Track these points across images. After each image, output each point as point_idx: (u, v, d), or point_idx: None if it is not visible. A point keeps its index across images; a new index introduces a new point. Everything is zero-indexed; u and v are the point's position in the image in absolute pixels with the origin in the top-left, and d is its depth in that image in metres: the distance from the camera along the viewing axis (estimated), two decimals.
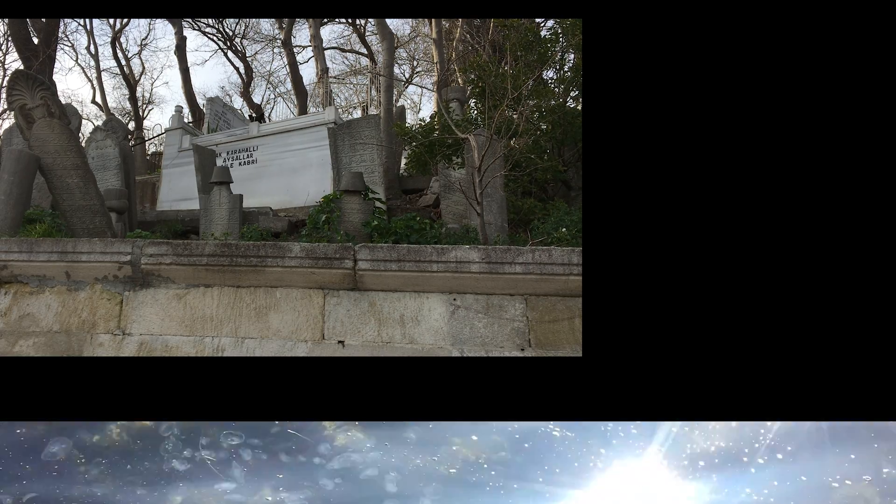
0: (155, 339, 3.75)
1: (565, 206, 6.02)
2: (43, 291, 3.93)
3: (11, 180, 4.56)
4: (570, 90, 7.66)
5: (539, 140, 7.34)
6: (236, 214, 6.59)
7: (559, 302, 3.68)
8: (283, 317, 3.74)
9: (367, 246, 3.74)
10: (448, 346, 3.60)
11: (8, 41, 15.29)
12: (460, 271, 3.60)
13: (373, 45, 19.77)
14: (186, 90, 19.32)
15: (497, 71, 7.16)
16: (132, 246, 3.83)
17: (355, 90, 21.44)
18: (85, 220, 4.81)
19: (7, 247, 3.88)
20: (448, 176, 6.61)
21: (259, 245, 3.74)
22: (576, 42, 7.37)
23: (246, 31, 22.11)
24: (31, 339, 3.80)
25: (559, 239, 4.47)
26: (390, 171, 8.90)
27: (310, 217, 5.47)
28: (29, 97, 4.77)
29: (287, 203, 9.84)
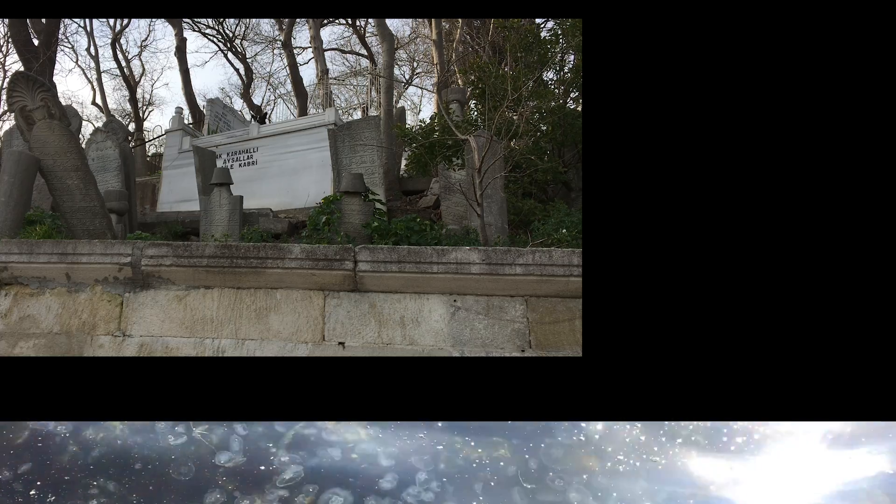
0: (155, 341, 3.75)
1: (565, 207, 6.02)
2: (43, 293, 3.93)
3: (12, 182, 4.56)
4: (570, 91, 7.66)
5: (539, 141, 7.34)
6: (236, 216, 6.58)
7: (560, 303, 3.68)
8: (284, 318, 3.74)
9: (367, 247, 3.73)
10: (448, 347, 3.60)
11: (8, 42, 15.31)
12: (461, 272, 3.60)
13: (373, 46, 19.79)
14: (186, 92, 19.32)
15: (497, 72, 7.16)
16: (132, 247, 3.83)
17: (355, 91, 21.47)
18: (85, 221, 4.81)
19: (7, 248, 3.88)
20: (448, 177, 6.61)
21: (259, 246, 3.74)
22: (576, 43, 7.37)
23: (246, 33, 22.15)
24: (32, 341, 3.80)
25: (559, 240, 4.46)
26: (390, 173, 8.90)
27: (310, 218, 5.47)
28: (29, 99, 4.77)
29: (287, 204, 9.84)
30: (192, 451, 2.58)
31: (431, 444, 2.65)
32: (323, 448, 2.63)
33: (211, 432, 2.64)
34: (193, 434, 2.63)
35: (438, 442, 2.67)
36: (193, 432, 2.64)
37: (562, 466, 2.58)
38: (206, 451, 2.58)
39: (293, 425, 2.68)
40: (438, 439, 2.68)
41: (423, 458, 2.60)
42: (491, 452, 2.63)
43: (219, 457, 2.56)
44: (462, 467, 2.58)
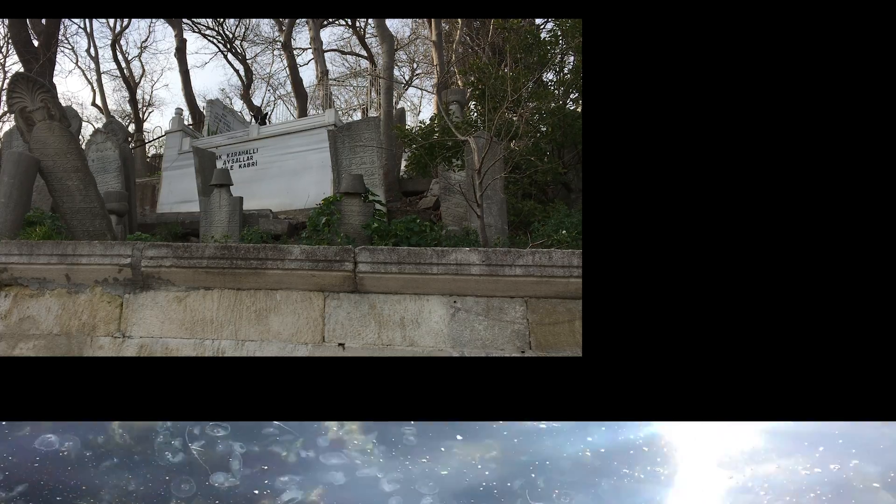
0: (155, 342, 3.75)
1: (565, 208, 6.01)
2: (43, 294, 3.93)
3: (11, 183, 4.56)
4: (569, 92, 7.66)
5: (539, 142, 7.33)
6: (236, 217, 6.58)
7: (559, 304, 3.68)
8: (284, 319, 3.74)
9: (367, 248, 3.74)
10: (448, 348, 3.60)
11: (8, 43, 15.32)
12: (460, 273, 3.60)
13: (372, 47, 19.79)
14: (186, 92, 19.32)
15: (497, 73, 7.16)
16: (132, 248, 3.83)
17: (355, 92, 21.44)
18: (85, 222, 4.81)
19: (7, 249, 3.88)
20: (448, 178, 6.61)
21: (259, 247, 3.74)
22: (575, 44, 7.37)
23: (246, 34, 22.15)
24: (32, 342, 3.80)
25: (559, 241, 4.46)
26: (390, 174, 8.90)
27: (310, 219, 5.46)
28: (29, 100, 4.78)
29: (287, 205, 9.83)
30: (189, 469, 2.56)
31: (436, 468, 2.63)
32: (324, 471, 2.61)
33: (208, 450, 2.62)
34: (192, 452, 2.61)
35: (443, 466, 2.65)
36: (191, 452, 2.62)
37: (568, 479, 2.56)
38: (202, 470, 2.55)
39: (292, 446, 2.66)
40: (444, 463, 2.66)
41: (427, 484, 2.59)
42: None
43: (215, 477, 2.54)
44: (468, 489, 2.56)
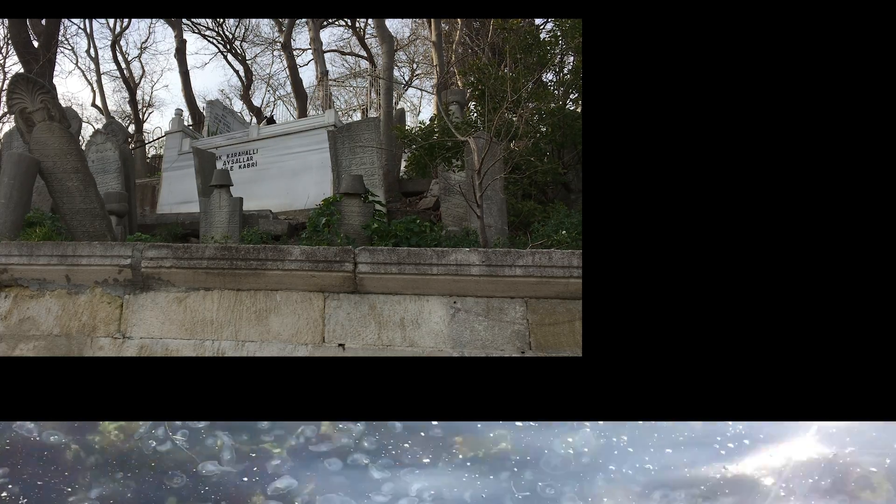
0: (155, 343, 3.75)
1: (565, 208, 6.01)
2: (43, 295, 3.93)
3: (11, 184, 4.56)
4: (569, 93, 7.66)
5: (539, 143, 7.33)
6: (236, 217, 6.58)
7: (559, 305, 3.68)
8: (284, 320, 3.74)
9: (367, 249, 3.74)
10: (448, 348, 3.60)
11: (8, 44, 15.29)
12: (460, 274, 3.60)
13: (372, 47, 19.79)
14: (186, 93, 19.32)
15: (496, 74, 7.16)
16: (132, 249, 3.83)
17: (355, 93, 21.42)
18: (85, 223, 4.81)
19: (7, 250, 3.88)
20: (448, 179, 6.61)
21: (259, 248, 3.74)
22: (575, 45, 7.37)
23: (246, 34, 22.16)
24: (32, 343, 3.80)
25: (559, 241, 4.46)
26: (390, 174, 8.89)
27: (310, 220, 5.46)
28: (29, 100, 4.78)
29: (287, 206, 9.83)
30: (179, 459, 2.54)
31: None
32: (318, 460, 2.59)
33: (198, 439, 2.60)
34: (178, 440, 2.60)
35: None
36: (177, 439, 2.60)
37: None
38: (190, 459, 2.53)
39: (285, 440, 2.66)
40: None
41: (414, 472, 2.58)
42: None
43: (205, 466, 2.53)
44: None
